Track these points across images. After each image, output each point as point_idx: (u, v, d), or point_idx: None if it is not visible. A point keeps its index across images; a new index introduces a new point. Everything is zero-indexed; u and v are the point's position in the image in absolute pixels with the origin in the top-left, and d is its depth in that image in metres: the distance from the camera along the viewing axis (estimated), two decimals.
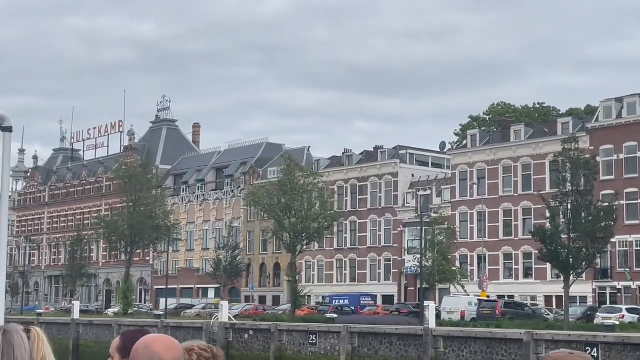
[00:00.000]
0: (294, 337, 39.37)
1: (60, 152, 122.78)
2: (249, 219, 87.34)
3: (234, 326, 42.20)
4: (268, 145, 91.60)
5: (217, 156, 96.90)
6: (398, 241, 72.78)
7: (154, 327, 46.61)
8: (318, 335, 38.27)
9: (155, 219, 65.75)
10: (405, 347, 34.81)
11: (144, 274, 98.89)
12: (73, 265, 78.24)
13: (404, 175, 73.69)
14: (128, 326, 48.24)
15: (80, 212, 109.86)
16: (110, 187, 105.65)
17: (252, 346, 41.22)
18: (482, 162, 67.06)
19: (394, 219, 73.29)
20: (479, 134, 69.25)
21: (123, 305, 63.38)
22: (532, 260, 63.45)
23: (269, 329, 40.30)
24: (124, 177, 67.52)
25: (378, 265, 74.54)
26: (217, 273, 65.22)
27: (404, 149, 75.92)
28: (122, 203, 68.69)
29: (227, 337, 42.33)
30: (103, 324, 50.01)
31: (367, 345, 36.25)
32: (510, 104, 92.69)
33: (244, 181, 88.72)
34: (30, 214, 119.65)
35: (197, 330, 44.10)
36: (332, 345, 37.63)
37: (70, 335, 51.21)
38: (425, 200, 71.76)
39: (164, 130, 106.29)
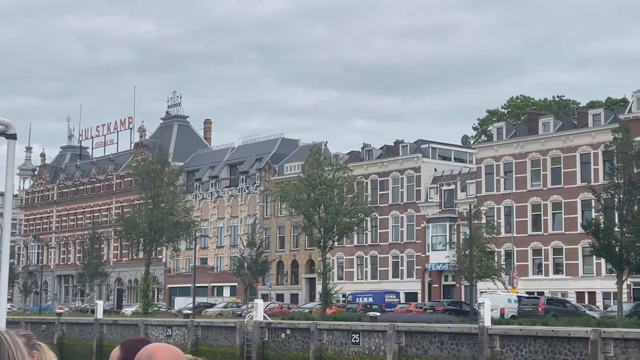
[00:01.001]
0: (335, 336, 37.75)
1: (68, 149, 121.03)
2: (265, 216, 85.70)
3: (269, 325, 40.57)
4: (283, 141, 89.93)
5: (230, 152, 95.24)
6: (421, 237, 71.16)
7: (183, 326, 45.05)
8: (361, 334, 36.65)
9: (176, 216, 63.99)
10: (457, 347, 33.20)
11: (156, 272, 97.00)
12: (89, 264, 76.41)
13: (426, 170, 72.03)
14: (155, 326, 46.71)
15: (90, 210, 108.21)
16: (120, 185, 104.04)
17: (290, 346, 39.61)
18: (509, 156, 65.43)
19: (417, 214, 71.65)
20: (505, 126, 67.58)
21: (143, 305, 61.69)
22: (562, 256, 61.93)
23: (308, 328, 38.69)
24: (142, 174, 65.72)
25: (400, 262, 72.91)
26: (241, 271, 63.46)
27: (426, 143, 74.29)
28: (140, 200, 66.93)
29: (263, 336, 40.73)
30: (128, 324, 48.39)
31: (416, 344, 34.64)
32: (529, 97, 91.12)
33: (259, 177, 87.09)
34: (38, 212, 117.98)
35: (230, 330, 42.53)
36: (376, 344, 36.02)
37: (93, 335, 49.62)
38: (449, 195, 70.19)
39: (175, 126, 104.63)
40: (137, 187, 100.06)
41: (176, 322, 45.80)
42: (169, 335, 45.29)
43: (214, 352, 42.99)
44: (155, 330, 46.40)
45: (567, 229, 61.35)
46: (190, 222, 65.92)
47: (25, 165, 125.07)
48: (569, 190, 61.50)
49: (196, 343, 43.77)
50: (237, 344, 41.39)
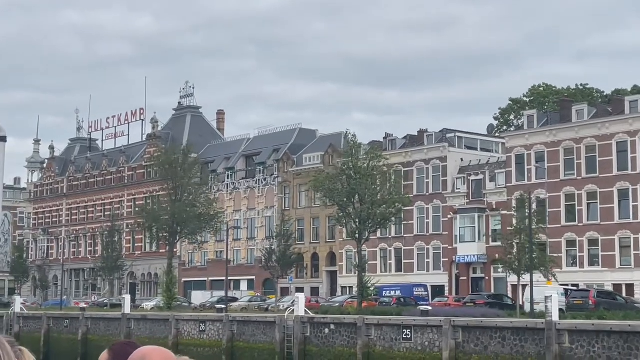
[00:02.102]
0: (384, 331, 35.93)
1: (77, 141, 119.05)
2: (284, 208, 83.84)
3: (312, 320, 38.74)
4: (301, 131, 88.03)
5: (246, 143, 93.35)
6: (448, 229, 69.32)
7: (217, 321, 43.27)
8: (413, 329, 34.83)
9: (198, 207, 62.09)
10: (521, 343, 31.39)
11: None
12: (107, 257, 74.54)
13: (452, 160, 70.16)
14: (187, 321, 44.93)
15: (102, 203, 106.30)
16: (133, 177, 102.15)
17: (334, 342, 37.79)
18: (541, 144, 63.56)
19: (443, 205, 69.79)
20: (536, 114, 65.68)
21: (166, 299, 59.83)
22: (598, 247, 60.14)
23: (355, 323, 36.88)
24: (163, 164, 63.77)
25: (426, 255, 71.07)
26: (269, 264, 61.60)
27: (452, 132, 72.42)
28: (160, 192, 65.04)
29: (304, 332, 38.91)
30: (158, 319, 46.54)
31: (474, 340, 32.82)
32: (552, 85, 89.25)
33: (277, 168, 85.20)
34: (47, 205, 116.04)
35: (269, 325, 40.72)
36: (430, 340, 34.22)
37: (120, 331, 47.80)
38: (478, 185, 68.35)
39: (188, 117, 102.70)
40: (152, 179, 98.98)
41: (210, 317, 43.99)
42: (202, 330, 43.50)
43: (252, 348, 41.23)
44: (187, 325, 44.61)
45: (603, 219, 59.56)
46: (214, 214, 63.93)
47: (34, 157, 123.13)
48: (605, 180, 59.68)
49: (232, 339, 41.97)
50: (277, 340, 39.58)
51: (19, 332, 55.67)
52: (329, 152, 79.72)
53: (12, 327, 55.69)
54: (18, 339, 55.80)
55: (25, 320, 56.10)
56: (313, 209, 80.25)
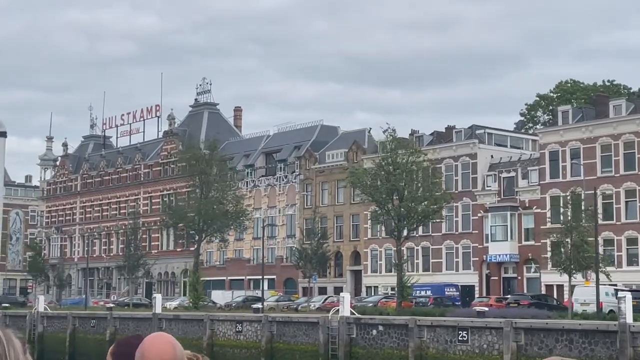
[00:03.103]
0: (437, 333, 34.29)
1: (91, 139, 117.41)
2: (306, 206, 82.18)
3: (358, 321, 37.10)
4: (323, 128, 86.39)
5: (265, 140, 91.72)
6: (478, 227, 67.62)
7: (255, 322, 41.65)
8: (470, 331, 33.17)
9: (225, 204, 60.40)
10: (590, 346, 29.72)
11: (188, 265, 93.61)
12: (129, 256, 72.92)
13: (482, 157, 68.46)
14: (222, 321, 43.35)
15: (116, 200, 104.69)
16: (149, 175, 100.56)
17: (383, 343, 36.15)
18: (576, 141, 61.86)
19: (473, 203, 68.08)
20: (571, 110, 63.99)
21: (193, 299, 58.19)
22: (637, 247, 58.45)
23: (406, 324, 35.23)
24: (189, 160, 62.10)
25: (455, 254, 69.36)
26: (300, 263, 59.95)
27: (481, 129, 70.73)
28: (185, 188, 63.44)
29: (350, 333, 37.27)
30: (192, 319, 44.90)
31: (538, 343, 31.16)
32: (579, 81, 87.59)
33: (298, 166, 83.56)
34: (60, 203, 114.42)
35: (312, 326, 39.09)
36: (489, 342, 32.56)
37: (151, 331, 46.04)
38: (509, 182, 66.66)
39: (205, 114, 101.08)
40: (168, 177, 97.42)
41: (247, 317, 42.37)
42: (238, 331, 41.88)
43: (292, 349, 39.61)
44: (222, 325, 42.99)
45: None
46: (240, 211, 62.26)
47: (47, 155, 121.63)
48: None
49: (271, 340, 40.34)
50: (321, 341, 37.95)
51: (42, 332, 54.14)
52: (353, 149, 78.11)
53: (36, 326, 54.12)
54: (42, 339, 54.27)
55: (49, 320, 54.50)
56: (336, 207, 78.67)
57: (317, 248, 60.80)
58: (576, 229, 45.77)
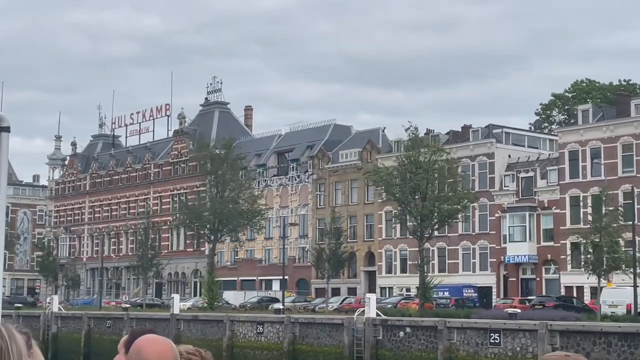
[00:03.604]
0: (468, 335, 33.43)
1: (100, 138, 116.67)
2: (319, 206, 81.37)
3: (385, 323, 36.25)
4: (336, 127, 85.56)
5: (277, 140, 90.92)
6: (496, 228, 66.73)
7: (276, 323, 40.82)
8: (502, 333, 32.31)
9: (241, 204, 59.57)
10: (630, 349, 28.85)
11: (198, 265, 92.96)
12: (142, 255, 72.10)
13: (500, 156, 67.59)
14: (243, 322, 42.56)
15: (126, 200, 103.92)
16: (159, 174, 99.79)
17: (410, 346, 35.30)
18: (597, 140, 60.96)
19: (490, 203, 67.18)
20: (592, 109, 63.08)
21: (208, 299, 57.37)
22: None
23: (435, 326, 34.38)
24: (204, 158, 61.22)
25: (472, 255, 68.48)
26: (319, 263, 59.14)
27: (498, 128, 69.87)
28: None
29: (376, 335, 36.43)
30: (210, 320, 44.08)
31: (574, 346, 30.31)
32: (594, 81, 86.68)
33: (311, 165, 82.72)
34: (69, 203, 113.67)
35: (336, 327, 38.26)
36: (522, 345, 31.71)
37: (169, 332, 45.34)
38: (527, 182, 65.77)
39: (215, 113, 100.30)
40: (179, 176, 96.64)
41: (269, 318, 41.53)
42: (259, 332, 41.06)
43: (316, 351, 38.78)
44: (242, 327, 42.17)
45: None
46: (256, 211, 61.41)
47: (55, 154, 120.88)
48: None
49: (293, 341, 39.51)
50: (345, 343, 37.11)
51: (56, 333, 53.37)
52: (367, 149, 77.31)
53: (49, 327, 53.34)
54: (56, 339, 53.49)
55: (63, 320, 53.73)
56: (350, 207, 77.84)
57: (336, 248, 59.89)
58: (605, 229, 44.78)
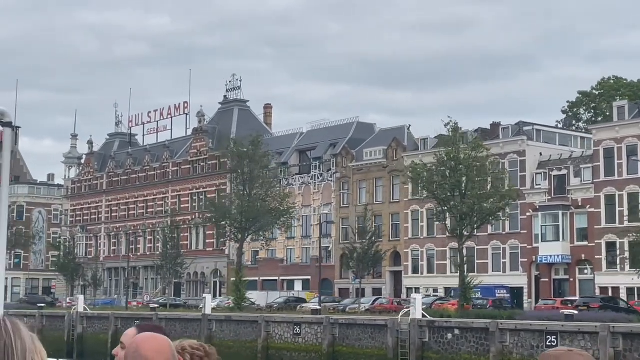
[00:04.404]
0: (522, 337, 32.04)
1: (116, 137, 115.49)
2: (342, 205, 79.98)
3: (432, 324, 34.84)
4: (359, 125, 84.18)
5: (299, 138, 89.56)
6: (527, 227, 65.22)
7: (315, 324, 39.47)
8: (559, 335, 30.89)
9: (270, 202, 58.23)
10: None
11: (218, 265, 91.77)
12: (166, 255, 70.79)
13: (531, 154, 66.08)
14: (279, 323, 41.19)
15: (143, 199, 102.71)
16: (177, 173, 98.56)
17: (459, 348, 33.90)
18: (634, 137, 59.43)
19: (522, 202, 65.61)
20: (628, 105, 61.56)
21: (236, 299, 56.03)
22: None
23: (486, 328, 32.97)
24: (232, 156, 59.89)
25: (502, 255, 66.98)
26: (351, 263, 57.77)
27: (529, 125, 68.35)
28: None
29: (422, 337, 35.05)
30: (244, 320, 42.74)
31: (639, 349, 28.83)
32: (622, 78, 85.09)
33: (334, 164, 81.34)
34: (85, 202, 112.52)
35: (378, 329, 36.90)
36: (581, 348, 30.18)
37: (201, 333, 44.06)
38: (560, 181, 64.25)
39: (235, 111, 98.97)
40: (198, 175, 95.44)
41: (307, 319, 40.17)
42: (297, 333, 39.72)
43: (357, 353, 37.41)
44: (279, 328, 40.83)
45: None
46: (285, 209, 60.04)
47: (71, 153, 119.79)
48: None
49: (333, 343, 38.16)
50: (390, 345, 35.75)
51: (82, 333, 52.12)
52: (393, 147, 75.90)
53: (75, 327, 52.10)
54: (81, 339, 52.23)
55: (89, 321, 52.47)
56: (375, 206, 76.38)
57: (368, 247, 58.47)
58: None
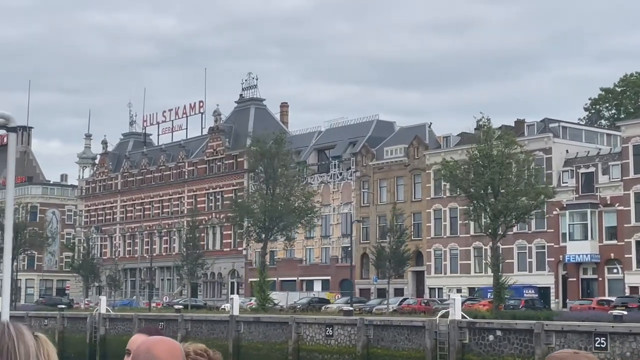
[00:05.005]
0: (569, 339, 30.91)
1: (130, 136, 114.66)
2: (363, 204, 78.87)
3: (472, 325, 33.74)
4: (379, 123, 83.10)
5: (317, 137, 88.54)
6: (554, 226, 64.02)
7: (348, 325, 38.39)
8: (610, 337, 29.76)
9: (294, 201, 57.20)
10: None
11: (236, 265, 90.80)
12: (188, 255, 69.84)
13: (557, 151, 64.89)
14: (310, 324, 40.13)
15: (159, 199, 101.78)
16: (194, 172, 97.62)
17: (502, 350, 32.80)
18: None
19: (548, 200, 64.30)
20: None
21: (260, 300, 55.02)
22: None
23: (531, 329, 31.84)
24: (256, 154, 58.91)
25: (528, 254, 65.79)
26: (379, 262, 56.70)
27: (555, 122, 67.17)
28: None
29: (462, 338, 33.95)
30: (274, 322, 41.69)
31: None
32: None
33: (354, 162, 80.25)
34: (100, 202, 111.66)
35: (415, 330, 35.81)
36: (632, 350, 29.19)
37: (228, 334, 43.07)
38: (588, 178, 63.04)
39: (251, 110, 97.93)
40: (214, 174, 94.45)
41: (339, 320, 39.11)
42: (329, 335, 38.67)
43: (393, 355, 36.34)
44: (309, 329, 39.79)
45: None
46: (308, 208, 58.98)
47: (85, 153, 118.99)
48: None
49: (367, 345, 37.11)
50: (427, 347, 34.67)
51: (104, 335, 51.18)
52: (414, 145, 74.79)
53: (97, 329, 51.16)
54: (104, 341, 51.27)
55: (111, 322, 51.52)
56: (397, 205, 75.20)
57: (397, 247, 57.38)
58: None
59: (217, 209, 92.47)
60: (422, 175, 73.74)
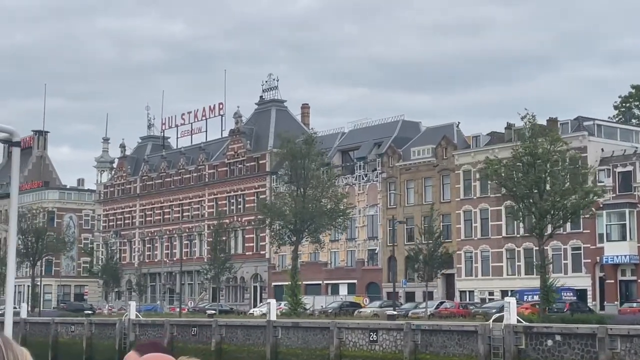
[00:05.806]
0: (635, 344, 29.36)
1: (149, 140, 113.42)
2: (390, 205, 77.34)
3: (529, 330, 32.20)
4: (404, 124, 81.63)
5: (340, 138, 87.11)
6: (590, 227, 62.38)
7: (393, 330, 36.89)
8: None
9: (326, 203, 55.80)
10: None
11: (259, 269, 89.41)
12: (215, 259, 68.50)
13: (592, 150, 63.27)
14: (353, 329, 38.65)
15: (179, 203, 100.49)
16: (214, 175, 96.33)
17: (562, 356, 31.25)
18: None
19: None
20: None
21: (292, 304, 53.62)
22: None
23: (593, 333, 30.30)
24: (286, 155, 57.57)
25: (563, 255, 64.16)
26: (416, 265, 55.23)
27: (589, 120, 65.57)
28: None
29: (518, 343, 32.41)
30: (314, 327, 40.23)
31: None
32: None
33: (380, 163, 78.77)
34: (119, 207, 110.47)
35: (467, 335, 34.30)
36: None
37: (265, 340, 41.64)
38: (625, 177, 61.43)
39: (272, 111, 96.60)
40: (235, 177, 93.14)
41: (384, 325, 37.64)
42: (373, 340, 37.20)
43: None
44: (352, 334, 38.31)
45: None
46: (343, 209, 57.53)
47: (103, 157, 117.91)
48: None
49: (415, 351, 35.61)
50: (480, 353, 33.16)
51: (134, 342, 49.76)
52: (442, 145, 73.27)
53: (127, 335, 49.80)
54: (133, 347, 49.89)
55: (142, 328, 50.14)
56: (424, 207, 73.71)
57: (434, 249, 55.87)
58: None
59: (238, 212, 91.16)
60: (451, 175, 72.24)
